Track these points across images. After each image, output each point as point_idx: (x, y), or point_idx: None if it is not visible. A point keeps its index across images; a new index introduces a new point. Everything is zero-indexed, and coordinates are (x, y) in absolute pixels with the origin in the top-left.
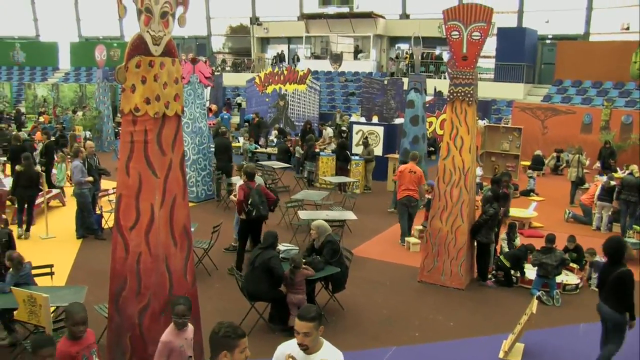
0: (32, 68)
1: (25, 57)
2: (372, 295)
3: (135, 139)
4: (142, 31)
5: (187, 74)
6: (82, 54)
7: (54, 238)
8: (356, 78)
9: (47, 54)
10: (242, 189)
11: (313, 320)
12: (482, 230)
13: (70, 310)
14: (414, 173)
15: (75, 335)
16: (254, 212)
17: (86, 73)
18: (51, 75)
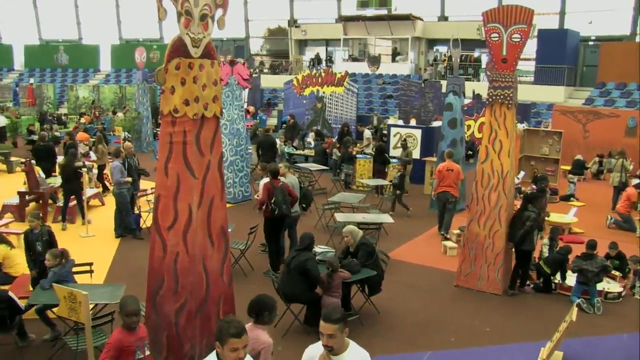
0: (75, 70)
1: (68, 59)
2: (408, 299)
3: (174, 140)
4: (182, 33)
5: (226, 76)
6: (122, 56)
7: (93, 237)
8: (394, 80)
9: (89, 56)
10: (266, 188)
11: (337, 322)
12: (527, 238)
13: (124, 302)
14: (452, 171)
15: (129, 326)
16: (276, 211)
17: (126, 75)
18: (92, 77)
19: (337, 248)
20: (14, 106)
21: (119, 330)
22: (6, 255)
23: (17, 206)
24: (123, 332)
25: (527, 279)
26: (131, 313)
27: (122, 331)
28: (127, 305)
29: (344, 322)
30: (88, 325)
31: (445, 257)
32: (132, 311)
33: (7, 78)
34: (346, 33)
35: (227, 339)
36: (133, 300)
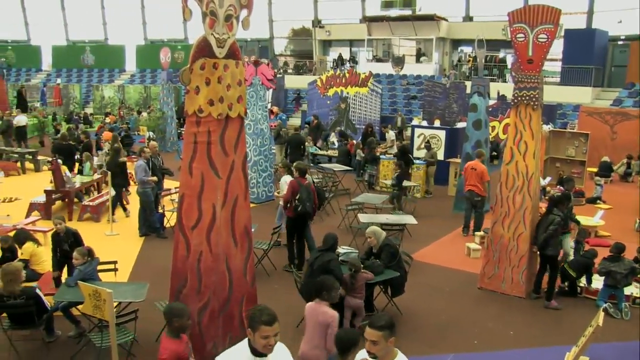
0: (100, 70)
1: (94, 59)
2: (431, 300)
3: (199, 139)
4: (207, 34)
5: (250, 76)
6: (147, 56)
7: (117, 235)
8: (418, 81)
9: (114, 57)
10: (291, 185)
11: (382, 329)
12: (551, 242)
13: (179, 308)
14: (474, 170)
15: (182, 331)
16: (299, 208)
17: (151, 75)
18: (118, 77)
19: (360, 249)
20: (41, 106)
21: (169, 341)
22: (33, 253)
23: (44, 204)
24: (174, 342)
25: (553, 289)
26: (188, 316)
27: (173, 341)
28: (182, 309)
29: (390, 330)
30: (112, 322)
31: (468, 259)
32: (188, 314)
33: (36, 78)
34: (370, 33)
35: (258, 326)
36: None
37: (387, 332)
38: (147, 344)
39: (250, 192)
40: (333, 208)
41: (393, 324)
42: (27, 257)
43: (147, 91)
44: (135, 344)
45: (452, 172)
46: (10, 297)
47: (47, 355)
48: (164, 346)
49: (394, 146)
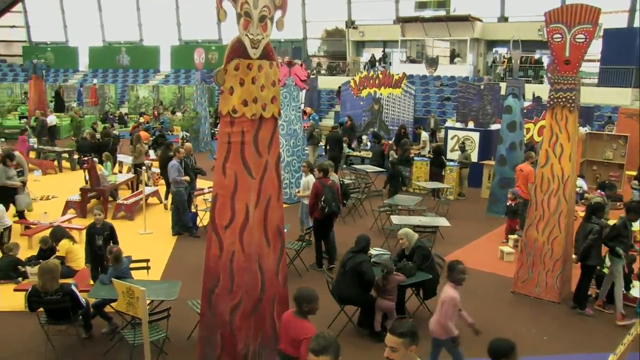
0: (135, 70)
1: (129, 60)
2: (463, 303)
3: (233, 140)
4: (241, 35)
5: (283, 77)
6: (181, 57)
7: (151, 234)
8: (452, 82)
9: (149, 57)
10: (315, 187)
11: (402, 336)
12: (592, 252)
13: (309, 294)
14: (521, 171)
15: (312, 314)
16: (326, 209)
17: (185, 75)
18: (152, 77)
19: (393, 251)
20: (77, 106)
21: (305, 321)
22: (69, 250)
23: (79, 202)
24: (309, 321)
25: (586, 298)
26: (317, 301)
27: (307, 320)
28: (311, 295)
29: (412, 338)
30: (145, 320)
31: (501, 262)
32: (317, 299)
33: (73, 79)
34: (404, 34)
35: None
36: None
37: (408, 339)
38: (179, 342)
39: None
40: (365, 209)
41: (415, 332)
42: (63, 254)
43: (181, 91)
44: (167, 342)
45: (485, 174)
46: (48, 293)
47: (81, 350)
48: (305, 326)
49: (427, 147)
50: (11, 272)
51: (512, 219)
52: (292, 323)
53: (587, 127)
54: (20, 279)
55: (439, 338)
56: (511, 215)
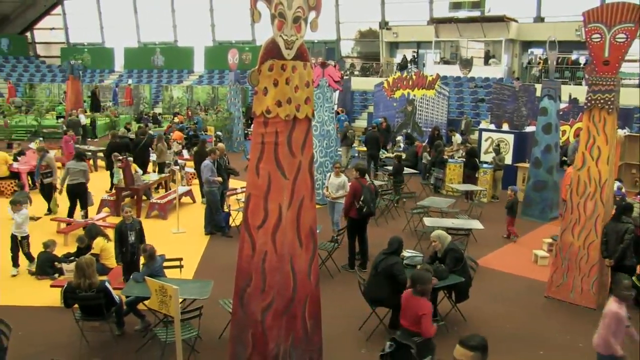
0: (170, 71)
1: (164, 61)
2: (495, 307)
3: (266, 140)
4: (275, 35)
5: (317, 78)
6: (215, 58)
7: (184, 233)
8: (486, 84)
9: (183, 58)
10: (354, 187)
11: (473, 349)
12: (628, 252)
13: (422, 275)
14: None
15: (426, 294)
16: (364, 209)
17: (219, 76)
18: (186, 77)
19: (425, 253)
20: (113, 106)
21: (422, 299)
22: (103, 248)
23: (114, 201)
24: (426, 300)
25: None
26: (429, 282)
27: (424, 299)
28: (423, 276)
29: (482, 352)
30: (177, 318)
31: (535, 266)
32: (429, 280)
33: (108, 79)
34: (438, 35)
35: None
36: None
37: (479, 353)
38: (210, 340)
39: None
40: (398, 211)
41: (486, 346)
42: (98, 252)
43: (214, 92)
44: (198, 340)
45: (519, 177)
46: (82, 290)
47: (114, 346)
48: (422, 304)
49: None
50: (48, 269)
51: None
52: (411, 302)
53: (626, 129)
54: (57, 275)
55: (601, 353)
56: (508, 211)
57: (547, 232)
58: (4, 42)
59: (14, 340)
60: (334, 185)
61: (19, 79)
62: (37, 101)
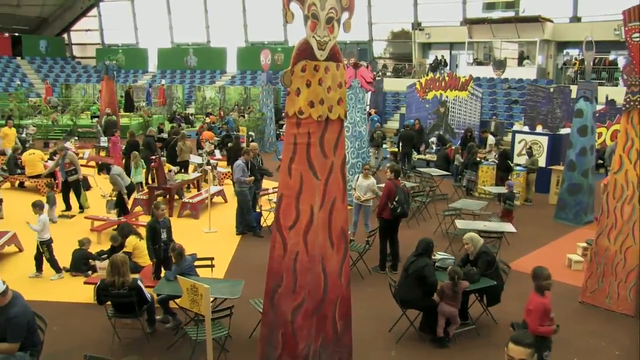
0: (202, 71)
1: (197, 61)
2: None
3: (299, 141)
4: (308, 36)
5: (349, 79)
6: (247, 58)
7: (215, 232)
8: (520, 85)
9: (216, 59)
10: (389, 187)
11: (529, 346)
12: None
13: (539, 272)
14: None
15: (547, 289)
16: (398, 210)
17: (251, 76)
18: (219, 78)
19: (457, 255)
20: (146, 106)
21: (535, 295)
22: (136, 246)
23: (146, 200)
24: (539, 296)
25: None
26: (548, 277)
27: (537, 294)
28: (541, 273)
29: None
30: (208, 317)
31: (569, 270)
32: (548, 275)
33: (142, 79)
34: (471, 36)
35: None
36: (543, 269)
37: (533, 350)
38: (241, 339)
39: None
40: (430, 213)
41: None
42: (130, 250)
43: (247, 92)
44: (229, 340)
45: (553, 180)
46: (115, 287)
47: (145, 343)
48: (532, 299)
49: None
50: (82, 266)
51: None
52: (530, 296)
53: None
54: (90, 272)
55: None
56: None
57: (581, 236)
58: (42, 43)
59: (49, 335)
60: (363, 187)
61: (56, 80)
62: (72, 101)
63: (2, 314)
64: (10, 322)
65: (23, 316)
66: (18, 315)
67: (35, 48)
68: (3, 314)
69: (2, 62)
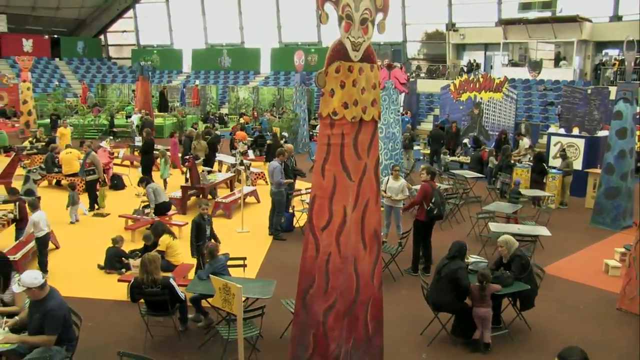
0: (236, 72)
1: (230, 62)
2: (562, 318)
3: (332, 142)
4: (343, 37)
5: (383, 80)
6: (281, 59)
7: (248, 232)
8: (556, 87)
9: (250, 59)
10: (425, 189)
11: None
12: None
13: None
14: None
15: None
16: (435, 211)
17: (284, 77)
18: (252, 79)
19: (490, 258)
20: (180, 106)
21: None
22: (169, 245)
23: (180, 200)
24: None
25: None
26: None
27: None
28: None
29: None
30: (240, 316)
31: (606, 276)
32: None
33: (176, 80)
34: (506, 37)
35: None
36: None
37: None
38: (272, 339)
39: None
40: (463, 216)
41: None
42: (163, 249)
43: (280, 93)
44: (260, 339)
45: (590, 183)
46: (147, 285)
47: (177, 341)
48: None
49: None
50: (116, 263)
51: None
52: None
53: None
54: (124, 270)
55: None
56: None
57: (619, 241)
58: (79, 45)
59: (83, 331)
60: (394, 189)
61: (92, 80)
62: (108, 101)
63: (40, 307)
64: (48, 315)
65: (59, 309)
66: (55, 308)
67: (73, 49)
68: (40, 307)
69: (42, 63)
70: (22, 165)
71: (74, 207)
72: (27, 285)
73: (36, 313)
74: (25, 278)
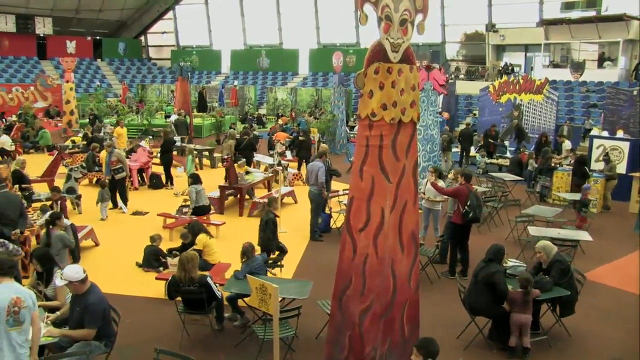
0: (274, 73)
1: (269, 63)
2: (604, 325)
3: (371, 143)
4: (382, 38)
5: (422, 81)
6: (319, 60)
7: (285, 232)
8: (599, 88)
9: (288, 60)
10: (461, 191)
11: None
12: None
13: None
14: None
15: None
16: (470, 214)
17: (322, 78)
18: (291, 79)
19: (529, 263)
20: (219, 106)
21: None
22: (206, 244)
23: (218, 199)
24: None
25: None
26: None
27: None
28: None
29: None
30: (276, 316)
31: None
32: None
33: (215, 80)
34: (548, 37)
35: None
36: None
37: None
38: (307, 340)
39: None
40: (502, 219)
41: None
42: (200, 248)
43: (318, 94)
44: (295, 340)
45: (634, 187)
46: (185, 284)
47: (213, 340)
48: None
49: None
50: (153, 262)
51: None
52: None
53: None
54: (161, 268)
55: None
56: None
57: None
58: (120, 45)
59: (121, 328)
60: (433, 190)
61: (132, 80)
62: (147, 101)
63: (81, 301)
64: (88, 309)
65: (99, 304)
66: (95, 302)
67: (114, 50)
68: (81, 301)
69: (84, 64)
70: (64, 163)
71: (104, 203)
72: (69, 278)
73: (77, 307)
74: (68, 272)
